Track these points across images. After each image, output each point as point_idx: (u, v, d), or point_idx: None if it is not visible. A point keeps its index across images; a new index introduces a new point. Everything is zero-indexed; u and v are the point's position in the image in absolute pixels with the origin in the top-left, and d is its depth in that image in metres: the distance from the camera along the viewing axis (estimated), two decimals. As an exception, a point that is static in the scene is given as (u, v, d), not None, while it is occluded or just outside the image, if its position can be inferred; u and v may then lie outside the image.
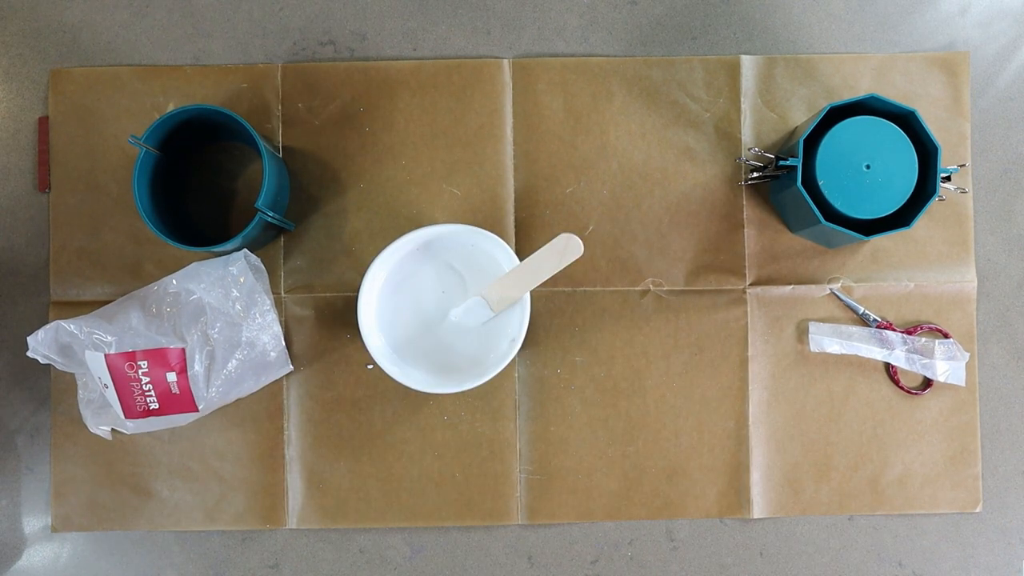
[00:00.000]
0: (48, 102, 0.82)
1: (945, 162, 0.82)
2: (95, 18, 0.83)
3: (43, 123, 0.81)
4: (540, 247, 0.73)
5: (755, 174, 0.79)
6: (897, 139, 0.73)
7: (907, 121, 0.74)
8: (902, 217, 0.74)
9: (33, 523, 0.82)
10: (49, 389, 0.81)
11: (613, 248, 0.82)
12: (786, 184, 0.76)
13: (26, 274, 0.82)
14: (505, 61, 0.82)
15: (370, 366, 0.81)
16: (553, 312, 0.81)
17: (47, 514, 0.81)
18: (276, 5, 0.83)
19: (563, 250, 0.72)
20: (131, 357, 0.73)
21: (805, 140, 0.73)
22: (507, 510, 0.81)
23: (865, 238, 0.73)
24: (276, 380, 0.81)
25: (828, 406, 0.82)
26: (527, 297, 0.74)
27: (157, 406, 0.75)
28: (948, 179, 0.76)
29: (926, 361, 0.81)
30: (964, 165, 0.80)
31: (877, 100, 0.73)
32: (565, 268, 0.81)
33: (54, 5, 0.83)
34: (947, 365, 0.81)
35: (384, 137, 0.82)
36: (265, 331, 0.78)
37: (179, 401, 0.75)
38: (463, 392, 0.80)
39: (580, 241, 0.72)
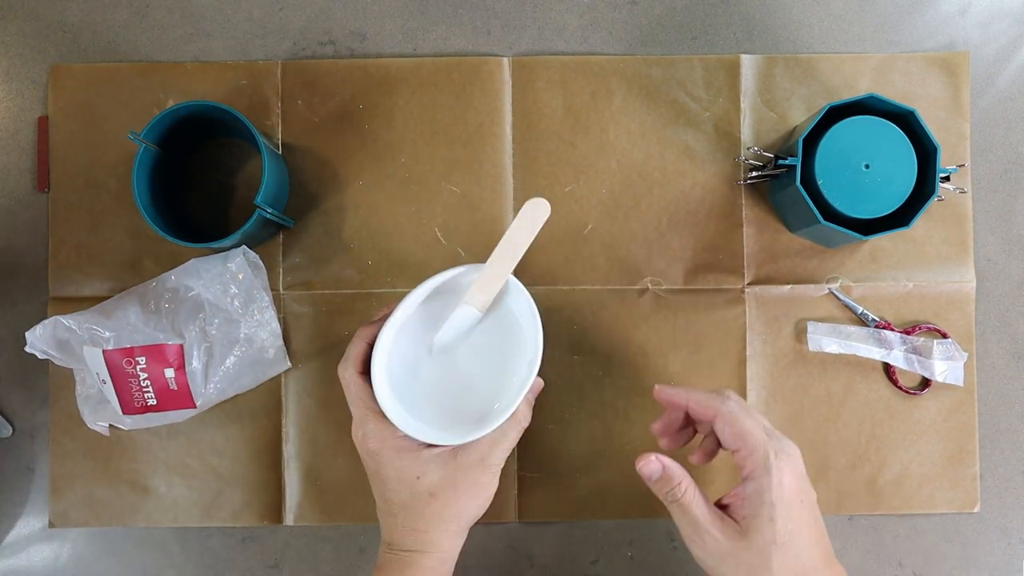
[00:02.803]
0: (47, 99, 0.82)
1: (944, 162, 0.82)
2: (95, 18, 0.83)
3: (42, 123, 0.82)
4: (541, 248, 0.72)
5: (754, 173, 0.79)
6: (896, 139, 0.73)
7: (906, 121, 0.74)
8: (901, 217, 0.74)
9: (33, 523, 0.82)
10: (48, 388, 0.81)
11: (612, 247, 0.82)
12: (785, 183, 0.76)
13: (26, 274, 0.82)
14: (504, 59, 0.82)
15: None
16: (551, 311, 0.81)
17: (47, 513, 0.81)
18: (276, 5, 0.83)
19: (533, 216, 0.69)
20: (129, 353, 0.73)
21: (804, 140, 0.73)
22: (504, 508, 0.81)
23: (864, 238, 0.73)
24: (274, 377, 0.81)
25: (826, 406, 0.82)
26: (527, 300, 0.70)
27: (155, 402, 0.75)
28: (947, 179, 0.76)
29: (924, 361, 0.80)
30: (963, 165, 0.81)
31: (876, 100, 0.73)
32: (565, 267, 0.81)
33: (54, 5, 0.83)
34: (945, 365, 0.81)
35: (383, 134, 0.82)
36: (263, 328, 0.78)
37: (177, 397, 0.75)
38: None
39: (546, 202, 0.69)
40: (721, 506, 0.65)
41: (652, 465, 0.66)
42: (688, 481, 0.65)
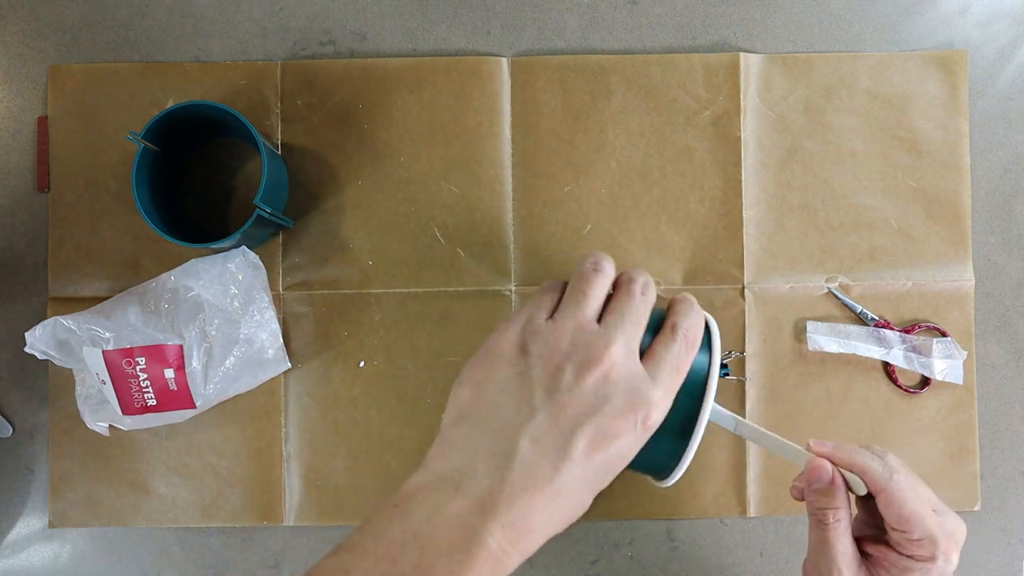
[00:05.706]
0: (47, 99, 0.82)
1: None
2: (95, 18, 0.83)
3: (42, 123, 0.82)
4: (540, 248, 0.72)
5: None
6: None
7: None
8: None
9: (33, 523, 0.82)
10: (48, 388, 0.81)
11: (611, 247, 0.81)
12: None
13: (26, 275, 0.82)
14: (504, 59, 0.82)
15: (362, 363, 0.81)
16: (551, 310, 0.81)
17: (46, 513, 0.81)
18: (276, 5, 0.83)
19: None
20: (129, 353, 0.73)
21: None
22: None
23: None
24: (274, 377, 0.81)
25: (826, 405, 0.82)
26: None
27: (155, 402, 0.75)
28: (727, 374, 0.79)
29: (924, 360, 0.81)
30: (740, 354, 0.82)
31: None
32: (565, 267, 0.81)
33: (54, 5, 0.83)
34: (945, 363, 0.81)
35: (382, 134, 0.82)
36: (263, 328, 0.78)
37: (177, 398, 0.75)
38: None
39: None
40: (861, 549, 0.62)
41: (825, 473, 0.60)
42: (846, 511, 0.60)
